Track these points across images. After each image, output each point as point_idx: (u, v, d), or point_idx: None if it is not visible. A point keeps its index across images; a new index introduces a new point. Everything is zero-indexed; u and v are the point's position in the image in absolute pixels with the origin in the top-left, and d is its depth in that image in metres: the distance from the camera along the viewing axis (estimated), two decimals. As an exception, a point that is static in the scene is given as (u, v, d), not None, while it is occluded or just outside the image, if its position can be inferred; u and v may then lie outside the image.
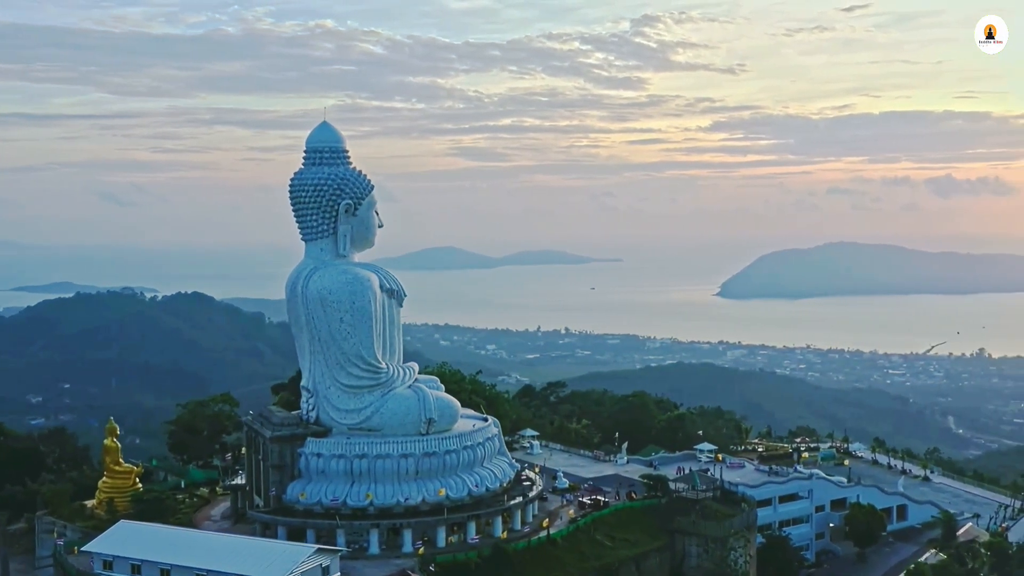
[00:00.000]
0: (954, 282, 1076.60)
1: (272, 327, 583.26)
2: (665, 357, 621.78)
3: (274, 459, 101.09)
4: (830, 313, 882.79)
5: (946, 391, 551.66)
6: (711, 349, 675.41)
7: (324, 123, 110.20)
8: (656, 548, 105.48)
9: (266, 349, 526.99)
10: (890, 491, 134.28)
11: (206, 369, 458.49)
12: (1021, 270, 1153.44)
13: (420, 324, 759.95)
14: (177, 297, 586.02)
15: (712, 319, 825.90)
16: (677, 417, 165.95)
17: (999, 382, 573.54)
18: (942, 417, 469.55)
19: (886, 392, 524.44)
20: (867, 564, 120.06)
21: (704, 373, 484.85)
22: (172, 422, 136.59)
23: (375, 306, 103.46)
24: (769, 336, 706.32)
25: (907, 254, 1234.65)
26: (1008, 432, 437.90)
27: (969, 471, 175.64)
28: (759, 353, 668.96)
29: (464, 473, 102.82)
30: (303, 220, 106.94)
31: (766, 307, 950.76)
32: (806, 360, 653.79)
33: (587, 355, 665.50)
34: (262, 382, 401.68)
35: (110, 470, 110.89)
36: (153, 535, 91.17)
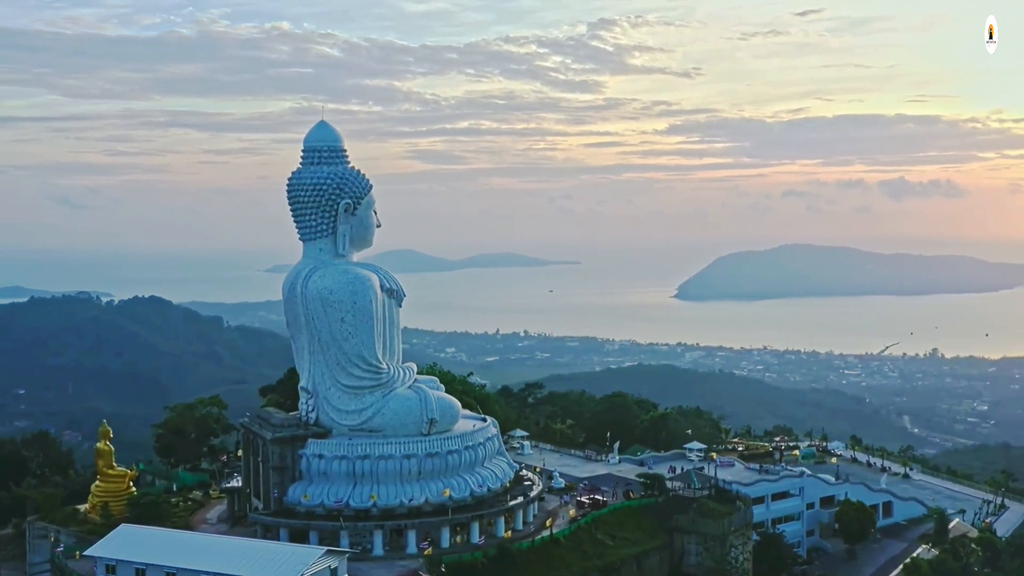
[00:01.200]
0: (907, 283, 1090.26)
1: (230, 331, 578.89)
2: (624, 359, 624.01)
3: (275, 461, 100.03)
4: (786, 314, 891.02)
5: (901, 391, 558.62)
6: (669, 351, 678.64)
7: (322, 122, 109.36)
8: (656, 547, 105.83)
9: (225, 353, 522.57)
10: (876, 488, 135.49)
11: (164, 373, 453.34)
12: (972, 271, 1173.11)
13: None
14: (134, 301, 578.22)
15: (670, 321, 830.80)
16: (660, 417, 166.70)
17: (952, 382, 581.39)
18: (898, 416, 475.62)
19: (843, 392, 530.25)
20: (857, 561, 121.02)
21: (664, 374, 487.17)
22: (159, 425, 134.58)
23: (376, 306, 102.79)
24: (726, 337, 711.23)
25: (861, 256, 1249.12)
26: (961, 431, 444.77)
27: (943, 468, 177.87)
28: (717, 354, 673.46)
29: (466, 473, 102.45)
30: (301, 220, 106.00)
31: (723, 309, 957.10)
32: (763, 361, 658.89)
33: (547, 357, 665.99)
34: (222, 386, 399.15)
35: (103, 474, 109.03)
36: (156, 538, 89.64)
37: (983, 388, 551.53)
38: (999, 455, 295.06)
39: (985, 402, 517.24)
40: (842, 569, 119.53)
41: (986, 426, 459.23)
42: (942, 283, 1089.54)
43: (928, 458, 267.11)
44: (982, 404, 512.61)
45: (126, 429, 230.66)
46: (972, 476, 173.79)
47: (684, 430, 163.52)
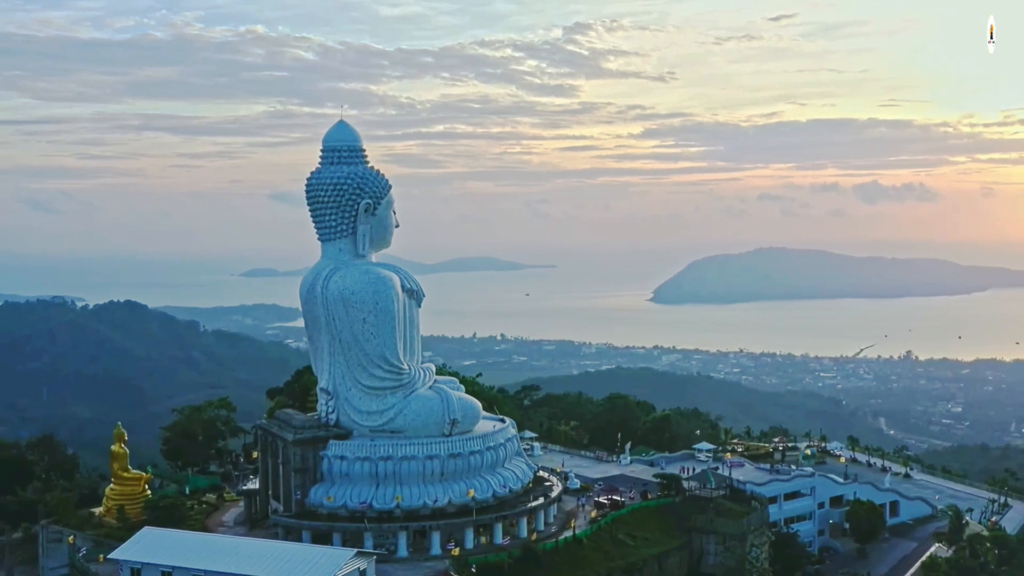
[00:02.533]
0: (880, 286, 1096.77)
1: (207, 335, 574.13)
2: (601, 362, 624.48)
3: (296, 463, 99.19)
4: (761, 317, 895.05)
5: (876, 393, 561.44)
6: (646, 354, 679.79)
7: (341, 122, 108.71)
8: (676, 547, 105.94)
9: (202, 358, 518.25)
10: (883, 488, 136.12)
11: (140, 378, 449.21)
12: (945, 274, 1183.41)
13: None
14: (109, 305, 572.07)
15: (646, 324, 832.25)
16: (663, 418, 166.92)
17: (926, 383, 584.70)
18: (874, 418, 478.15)
19: (819, 394, 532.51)
20: (868, 560, 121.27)
21: (642, 377, 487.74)
22: (168, 428, 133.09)
23: (398, 306, 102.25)
24: (703, 340, 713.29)
25: (835, 259, 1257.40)
26: (937, 432, 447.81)
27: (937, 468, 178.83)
28: (694, 357, 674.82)
29: (488, 474, 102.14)
30: (321, 220, 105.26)
31: (699, 312, 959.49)
32: (740, 364, 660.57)
33: (524, 361, 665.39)
34: (199, 391, 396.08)
35: (118, 477, 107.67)
36: (181, 541, 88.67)
37: (957, 390, 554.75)
38: (977, 455, 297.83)
39: (959, 404, 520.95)
40: (854, 568, 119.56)
41: (961, 427, 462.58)
42: (915, 286, 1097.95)
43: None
44: (956, 406, 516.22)
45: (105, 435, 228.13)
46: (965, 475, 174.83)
47: (685, 431, 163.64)
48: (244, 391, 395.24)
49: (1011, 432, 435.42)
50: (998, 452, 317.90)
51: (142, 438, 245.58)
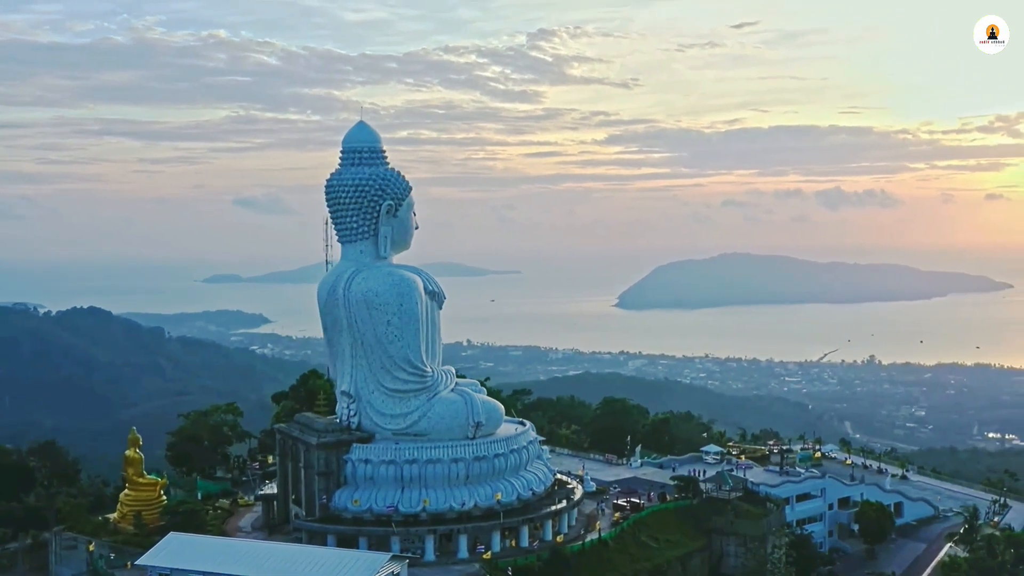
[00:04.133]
0: (843, 291, 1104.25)
1: (172, 342, 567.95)
2: (568, 368, 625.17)
3: (320, 467, 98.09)
4: (726, 322, 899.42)
5: (841, 397, 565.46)
6: (612, 359, 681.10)
7: (361, 123, 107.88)
8: (698, 548, 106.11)
9: (167, 364, 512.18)
10: (888, 489, 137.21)
11: (105, 386, 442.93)
12: (905, 280, 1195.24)
13: (320, 338, 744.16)
14: (72, 312, 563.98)
15: (612, 330, 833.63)
16: (662, 421, 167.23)
17: (890, 387, 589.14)
18: (840, 422, 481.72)
19: (785, 399, 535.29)
20: (878, 561, 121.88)
21: (610, 383, 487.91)
22: (173, 433, 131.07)
23: (421, 308, 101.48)
24: (668, 346, 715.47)
25: (798, 264, 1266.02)
26: (901, 436, 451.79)
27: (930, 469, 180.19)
28: (660, 362, 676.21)
29: (511, 477, 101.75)
30: (342, 221, 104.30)
31: (664, 317, 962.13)
32: (706, 369, 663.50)
33: (490, 367, 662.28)
34: (165, 398, 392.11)
35: (133, 482, 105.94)
36: (209, 546, 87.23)
37: (920, 394, 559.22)
38: (946, 458, 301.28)
39: (923, 407, 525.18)
40: (864, 569, 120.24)
41: (924, 431, 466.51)
42: (877, 291, 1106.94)
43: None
44: (920, 409, 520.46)
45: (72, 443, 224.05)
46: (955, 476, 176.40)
47: (684, 434, 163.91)
48: (211, 398, 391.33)
49: (973, 435, 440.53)
50: (966, 454, 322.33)
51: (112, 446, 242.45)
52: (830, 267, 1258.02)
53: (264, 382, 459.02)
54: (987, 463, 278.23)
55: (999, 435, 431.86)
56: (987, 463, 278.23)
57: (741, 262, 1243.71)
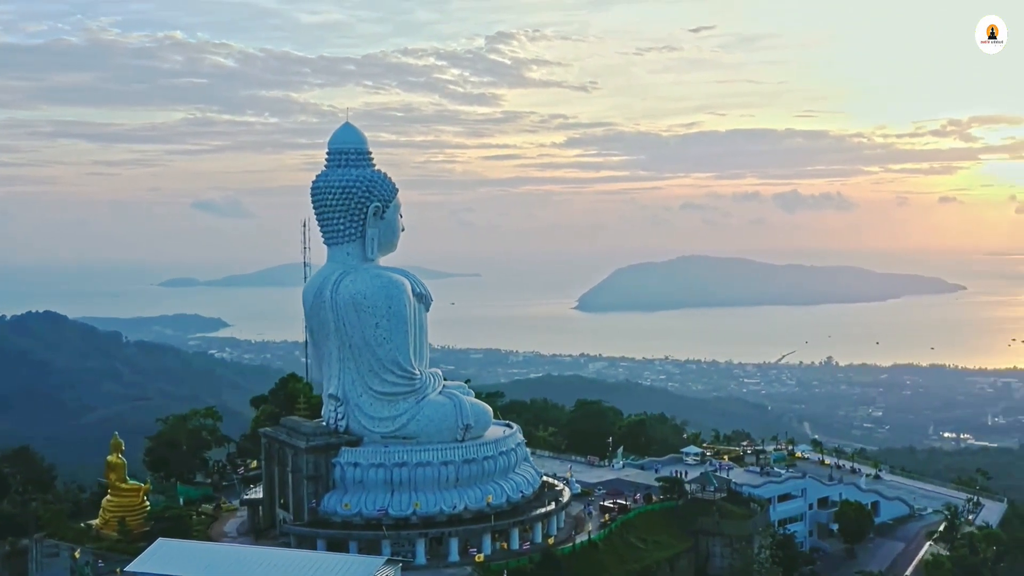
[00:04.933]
0: (800, 293, 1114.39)
1: (129, 346, 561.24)
2: (529, 370, 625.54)
3: (309, 470, 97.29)
4: (685, 325, 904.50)
5: (800, 398, 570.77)
6: (573, 362, 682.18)
7: (347, 124, 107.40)
8: (685, 549, 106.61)
9: (125, 369, 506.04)
10: (865, 489, 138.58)
11: (62, 391, 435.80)
12: (861, 282, 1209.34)
13: (279, 341, 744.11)
14: (27, 316, 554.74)
15: (572, 332, 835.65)
16: (638, 423, 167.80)
17: (847, 388, 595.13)
18: (799, 423, 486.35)
19: (744, 400, 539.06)
20: (858, 560, 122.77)
21: (572, 385, 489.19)
22: (152, 438, 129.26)
23: (409, 311, 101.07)
24: (628, 348, 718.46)
25: (756, 267, 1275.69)
26: (858, 436, 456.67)
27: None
28: (620, 365, 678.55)
29: (501, 480, 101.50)
30: (328, 223, 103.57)
31: (623, 320, 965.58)
32: (666, 371, 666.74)
33: (451, 369, 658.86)
34: (124, 403, 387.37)
35: (115, 488, 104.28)
36: (201, 552, 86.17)
37: (877, 395, 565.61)
38: (905, 458, 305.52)
39: (880, 408, 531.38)
40: (844, 568, 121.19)
41: (882, 431, 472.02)
42: (833, 293, 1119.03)
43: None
44: (877, 410, 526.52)
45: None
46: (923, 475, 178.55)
47: (660, 435, 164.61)
48: (170, 402, 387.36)
49: (930, 435, 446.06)
50: (924, 454, 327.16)
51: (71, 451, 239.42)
52: (787, 269, 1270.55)
53: (224, 386, 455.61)
54: (945, 462, 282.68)
55: (954, 435, 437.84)
56: (945, 462, 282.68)
57: (700, 264, 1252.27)
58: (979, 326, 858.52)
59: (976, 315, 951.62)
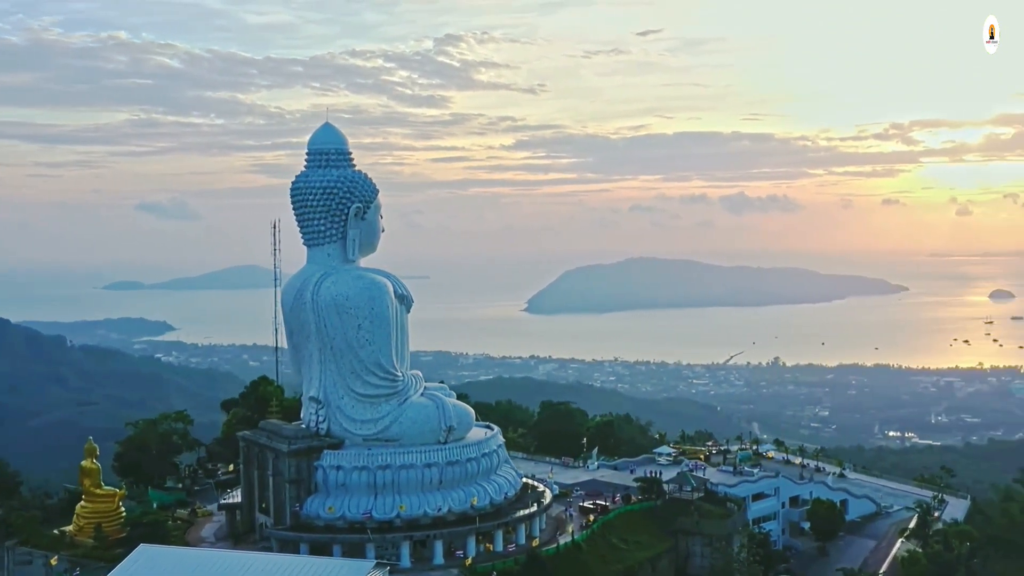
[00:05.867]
0: (747, 295, 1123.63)
1: (74, 351, 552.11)
2: (479, 373, 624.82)
3: (292, 474, 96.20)
4: (634, 326, 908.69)
5: (748, 398, 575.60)
6: (523, 364, 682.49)
7: (327, 124, 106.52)
8: (666, 549, 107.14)
9: (70, 374, 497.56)
10: (835, 487, 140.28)
11: (6, 396, 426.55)
12: (807, 283, 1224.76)
13: (227, 344, 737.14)
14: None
15: (521, 334, 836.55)
16: (606, 423, 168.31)
17: (794, 388, 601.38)
18: (748, 423, 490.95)
19: (694, 400, 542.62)
20: (829, 558, 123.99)
21: (524, 387, 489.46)
22: (121, 443, 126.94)
23: (392, 312, 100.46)
24: (578, 350, 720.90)
25: (703, 268, 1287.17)
26: (806, 436, 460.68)
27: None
28: (570, 366, 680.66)
29: (483, 482, 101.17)
30: (309, 224, 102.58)
31: (573, 321, 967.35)
32: (615, 372, 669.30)
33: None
34: (70, 408, 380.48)
35: (90, 494, 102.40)
36: (185, 558, 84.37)
37: (823, 395, 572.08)
38: (854, 456, 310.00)
39: (826, 408, 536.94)
40: (820, 566, 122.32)
41: (828, 431, 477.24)
42: (779, 294, 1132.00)
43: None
44: (823, 410, 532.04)
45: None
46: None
47: (628, 436, 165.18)
48: (117, 407, 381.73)
49: (875, 434, 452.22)
50: (873, 453, 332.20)
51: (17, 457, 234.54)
52: (734, 271, 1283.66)
53: (171, 391, 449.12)
54: (891, 460, 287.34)
55: (899, 434, 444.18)
56: (891, 460, 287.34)
57: (648, 266, 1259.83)
58: (921, 326, 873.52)
59: (918, 316, 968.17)
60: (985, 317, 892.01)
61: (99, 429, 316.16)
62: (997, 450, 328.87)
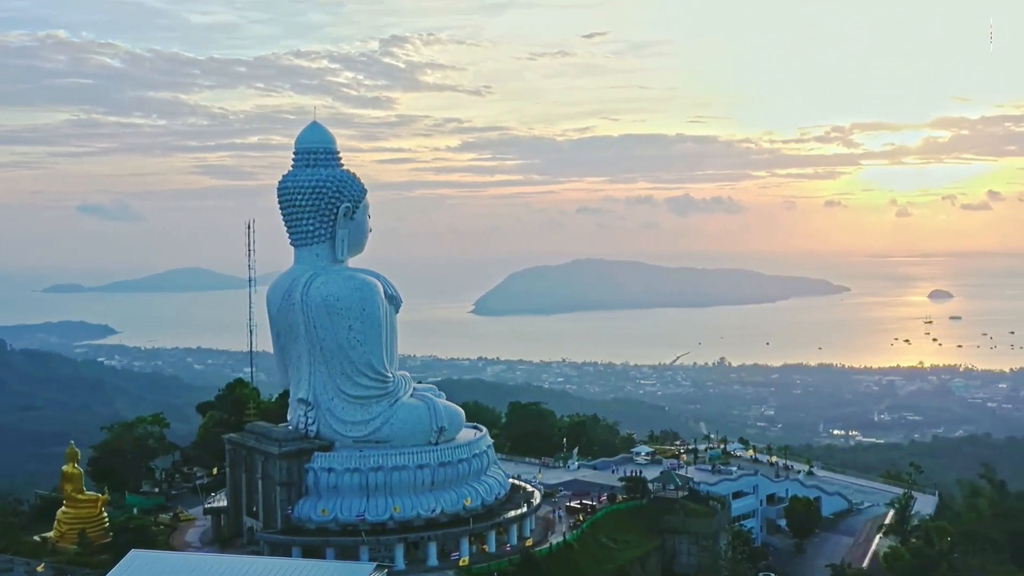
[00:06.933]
0: (692, 296, 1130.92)
1: (15, 354, 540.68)
2: (427, 374, 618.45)
3: (282, 476, 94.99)
4: (581, 327, 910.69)
5: (695, 399, 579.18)
6: (471, 365, 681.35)
7: (314, 123, 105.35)
8: (655, 548, 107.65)
9: (10, 378, 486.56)
10: (808, 484, 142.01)
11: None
12: (751, 284, 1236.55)
13: (170, 348, 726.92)
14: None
15: (469, 336, 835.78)
16: (579, 423, 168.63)
17: (740, 388, 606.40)
18: (695, 423, 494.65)
19: (642, 401, 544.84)
20: (807, 555, 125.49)
21: (474, 389, 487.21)
22: (96, 447, 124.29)
23: (383, 313, 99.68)
24: (526, 351, 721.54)
25: (649, 269, 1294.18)
26: (753, 435, 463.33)
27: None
28: (518, 368, 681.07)
29: (474, 483, 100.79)
30: (297, 224, 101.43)
31: (520, 323, 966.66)
32: (563, 373, 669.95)
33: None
34: (11, 413, 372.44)
35: (71, 499, 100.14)
36: (180, 564, 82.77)
37: (769, 394, 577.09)
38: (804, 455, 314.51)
39: (772, 407, 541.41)
40: (798, 563, 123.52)
41: (774, 430, 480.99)
42: (724, 295, 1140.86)
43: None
44: (769, 409, 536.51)
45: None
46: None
47: (599, 436, 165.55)
48: (61, 412, 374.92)
49: (820, 432, 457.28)
50: (822, 451, 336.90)
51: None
52: (679, 272, 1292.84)
53: (115, 394, 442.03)
54: (840, 458, 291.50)
55: (843, 432, 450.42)
56: (840, 458, 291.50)
57: (594, 268, 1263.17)
58: (863, 326, 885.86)
59: (860, 315, 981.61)
60: (924, 317, 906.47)
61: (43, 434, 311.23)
62: (941, 447, 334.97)
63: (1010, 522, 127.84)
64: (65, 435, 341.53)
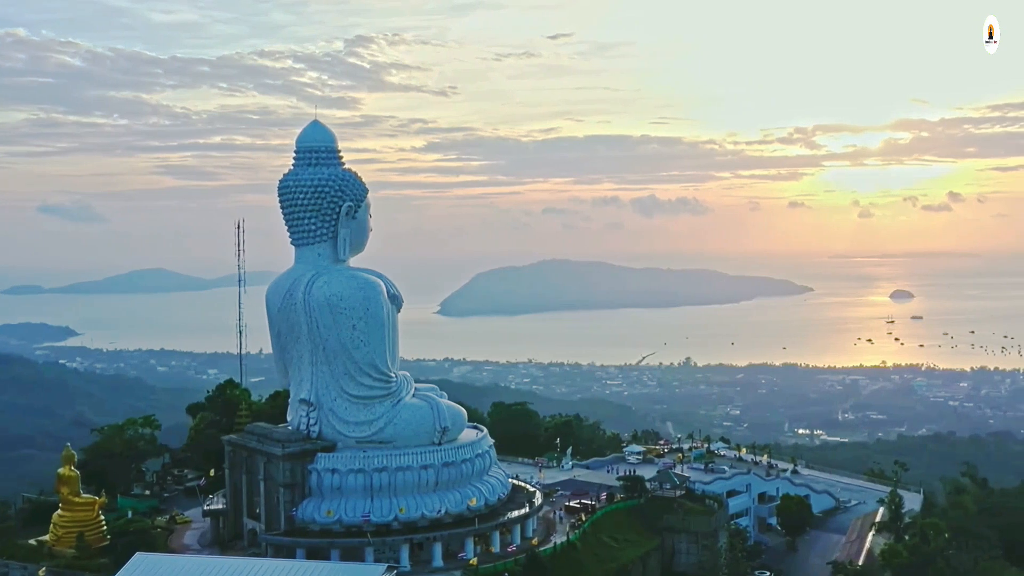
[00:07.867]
0: (658, 296, 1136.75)
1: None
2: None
3: (285, 478, 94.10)
4: (547, 328, 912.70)
5: (661, 398, 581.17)
6: (437, 366, 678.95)
7: (315, 122, 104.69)
8: (655, 547, 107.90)
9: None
10: (797, 483, 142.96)
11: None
12: (715, 284, 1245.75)
13: (133, 350, 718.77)
14: None
15: (435, 337, 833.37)
16: (565, 423, 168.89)
17: (706, 388, 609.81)
18: (662, 423, 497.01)
19: (608, 401, 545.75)
20: (799, 553, 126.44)
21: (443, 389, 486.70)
22: (86, 450, 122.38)
23: (385, 312, 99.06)
24: (492, 352, 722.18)
25: (614, 270, 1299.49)
26: (719, 434, 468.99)
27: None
28: (484, 368, 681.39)
29: (477, 482, 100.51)
30: (298, 223, 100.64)
31: (486, 324, 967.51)
32: (530, 374, 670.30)
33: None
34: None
35: (68, 502, 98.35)
36: (184, 566, 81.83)
37: (734, 394, 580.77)
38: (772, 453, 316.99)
39: (737, 407, 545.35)
40: (788, 561, 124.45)
41: (740, 429, 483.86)
42: (689, 295, 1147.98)
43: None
44: (735, 408, 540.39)
45: None
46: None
47: (585, 436, 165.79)
48: (22, 415, 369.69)
49: (785, 431, 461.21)
50: (789, 449, 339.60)
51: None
52: (645, 272, 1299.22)
53: (77, 397, 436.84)
54: (808, 457, 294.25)
55: (808, 431, 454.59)
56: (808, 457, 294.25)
57: (560, 268, 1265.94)
58: (827, 326, 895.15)
59: (823, 315, 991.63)
60: (887, 317, 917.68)
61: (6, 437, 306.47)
62: (906, 445, 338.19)
63: (996, 518, 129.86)
64: (29, 438, 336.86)
